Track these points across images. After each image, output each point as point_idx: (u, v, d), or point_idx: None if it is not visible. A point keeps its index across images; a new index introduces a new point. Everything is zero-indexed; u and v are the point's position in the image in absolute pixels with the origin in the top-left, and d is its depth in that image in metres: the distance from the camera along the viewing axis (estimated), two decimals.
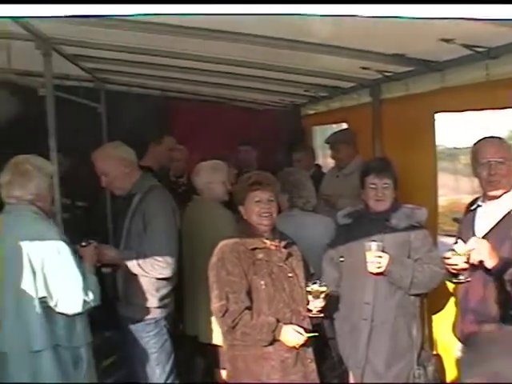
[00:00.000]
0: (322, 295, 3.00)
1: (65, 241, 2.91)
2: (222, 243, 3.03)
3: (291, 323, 2.94)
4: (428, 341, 3.48)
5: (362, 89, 4.99)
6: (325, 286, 3.02)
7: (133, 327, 3.45)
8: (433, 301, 3.54)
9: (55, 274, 2.83)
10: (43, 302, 2.83)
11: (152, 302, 3.43)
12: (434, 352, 3.56)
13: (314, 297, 3.01)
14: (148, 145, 5.16)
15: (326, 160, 6.52)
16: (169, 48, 4.34)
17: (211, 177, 4.01)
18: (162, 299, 3.46)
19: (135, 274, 3.38)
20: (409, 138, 4.29)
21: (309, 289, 3.01)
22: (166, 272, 3.37)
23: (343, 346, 3.44)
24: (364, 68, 4.15)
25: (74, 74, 5.96)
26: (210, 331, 3.64)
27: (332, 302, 3.20)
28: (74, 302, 2.87)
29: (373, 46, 3.63)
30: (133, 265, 3.35)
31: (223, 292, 2.89)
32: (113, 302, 3.51)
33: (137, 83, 6.65)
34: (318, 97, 6.17)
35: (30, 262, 2.79)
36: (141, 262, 3.33)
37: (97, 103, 6.35)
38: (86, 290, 2.89)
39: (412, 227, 3.31)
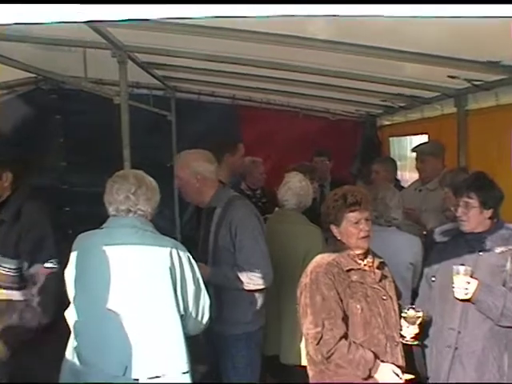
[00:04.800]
0: (418, 321, 2.91)
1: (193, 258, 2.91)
2: (314, 263, 2.95)
3: (386, 351, 2.84)
4: None
5: (446, 99, 4.85)
6: (421, 311, 2.92)
7: (224, 342, 3.44)
8: None
9: (192, 293, 2.84)
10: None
11: (245, 316, 3.42)
12: None
13: (409, 322, 2.91)
14: (218, 154, 5.16)
15: (400, 173, 6.36)
16: (240, 55, 4.36)
17: (302, 190, 4.03)
18: (255, 313, 3.45)
19: (227, 289, 3.37)
20: (499, 153, 4.11)
21: (404, 314, 2.91)
22: (265, 282, 3.35)
23: (429, 373, 3.29)
24: (451, 77, 4.01)
25: (144, 81, 6.11)
26: (290, 351, 3.63)
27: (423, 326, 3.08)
28: (205, 320, 2.92)
29: (464, 53, 3.50)
30: (227, 280, 3.34)
31: (319, 318, 2.79)
32: None
33: (207, 91, 6.73)
34: (396, 107, 6.03)
35: (174, 282, 2.75)
36: (237, 275, 3.31)
37: (167, 111, 6.47)
38: (210, 305, 2.93)
39: (511, 251, 3.09)
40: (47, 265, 3.20)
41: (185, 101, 6.78)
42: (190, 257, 2.87)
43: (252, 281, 3.32)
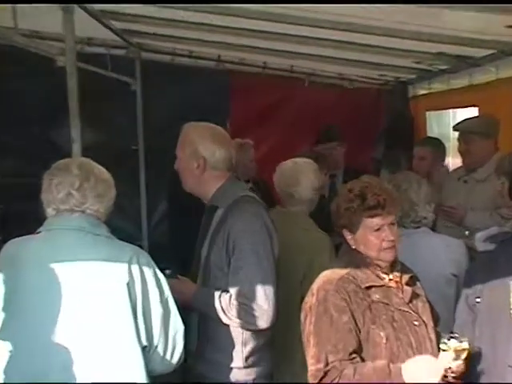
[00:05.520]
0: (463, 355, 2.82)
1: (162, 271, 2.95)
2: (322, 279, 2.95)
3: None
4: None
5: (503, 58, 4.81)
6: (466, 342, 2.85)
7: None
8: None
9: (158, 318, 2.86)
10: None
11: (236, 359, 3.33)
12: None
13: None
14: None
15: None
16: (227, 2, 4.29)
17: (315, 186, 4.15)
18: (249, 356, 3.35)
19: (214, 320, 3.29)
20: None
21: (444, 346, 2.83)
22: (261, 322, 3.24)
23: None
24: (511, 27, 3.93)
25: (99, 37, 6.14)
26: None
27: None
28: (176, 354, 2.94)
29: None
30: (212, 309, 3.26)
31: (322, 353, 2.78)
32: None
33: (184, 51, 6.72)
34: (435, 70, 6.06)
35: (133, 303, 2.79)
36: (224, 306, 3.23)
37: (130, 77, 6.40)
38: (185, 335, 2.96)
39: None
40: None
41: (154, 63, 6.78)
42: (157, 270, 2.88)
43: (242, 318, 3.24)
